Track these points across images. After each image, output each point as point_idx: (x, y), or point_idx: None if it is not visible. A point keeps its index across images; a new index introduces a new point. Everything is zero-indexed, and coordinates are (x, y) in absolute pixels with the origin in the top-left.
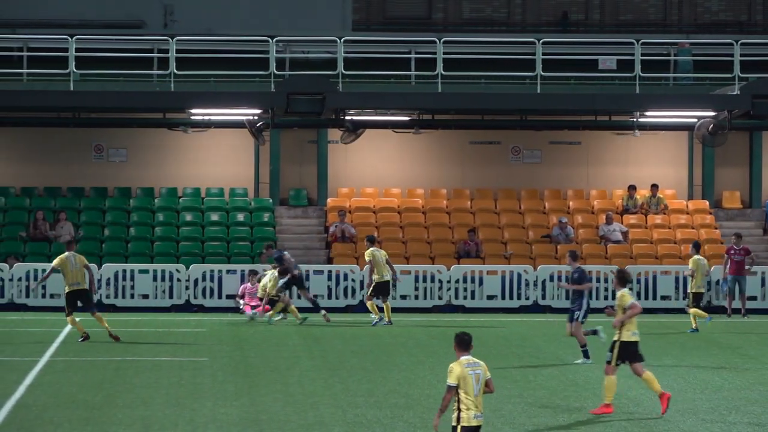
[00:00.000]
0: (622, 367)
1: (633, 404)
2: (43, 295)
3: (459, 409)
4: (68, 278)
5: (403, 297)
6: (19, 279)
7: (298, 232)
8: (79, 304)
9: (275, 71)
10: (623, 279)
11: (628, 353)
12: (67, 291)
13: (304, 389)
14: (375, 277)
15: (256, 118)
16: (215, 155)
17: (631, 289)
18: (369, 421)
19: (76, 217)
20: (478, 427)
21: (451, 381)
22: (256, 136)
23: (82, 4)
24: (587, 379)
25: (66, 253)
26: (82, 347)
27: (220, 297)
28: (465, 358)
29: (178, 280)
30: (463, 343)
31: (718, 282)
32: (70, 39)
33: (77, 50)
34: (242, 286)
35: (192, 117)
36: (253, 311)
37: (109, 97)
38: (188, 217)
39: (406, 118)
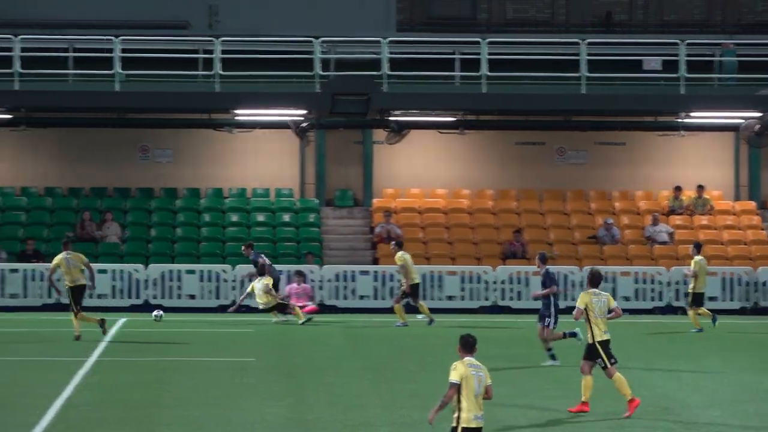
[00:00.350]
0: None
1: (680, 406)
2: (91, 296)
3: (459, 410)
4: (67, 276)
5: (450, 297)
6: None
7: (344, 232)
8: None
9: (320, 72)
10: (593, 280)
11: (593, 351)
12: (68, 286)
13: (350, 390)
14: (406, 280)
15: (301, 118)
16: (260, 156)
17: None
18: (415, 421)
19: (122, 218)
20: (478, 429)
21: (454, 378)
22: (301, 136)
23: (127, 5)
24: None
25: (63, 253)
26: (129, 347)
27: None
28: (468, 359)
29: (225, 280)
30: (468, 345)
31: (765, 283)
32: (115, 39)
33: (123, 51)
34: (288, 286)
35: (237, 118)
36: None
37: (154, 98)
38: (234, 218)
39: (451, 119)
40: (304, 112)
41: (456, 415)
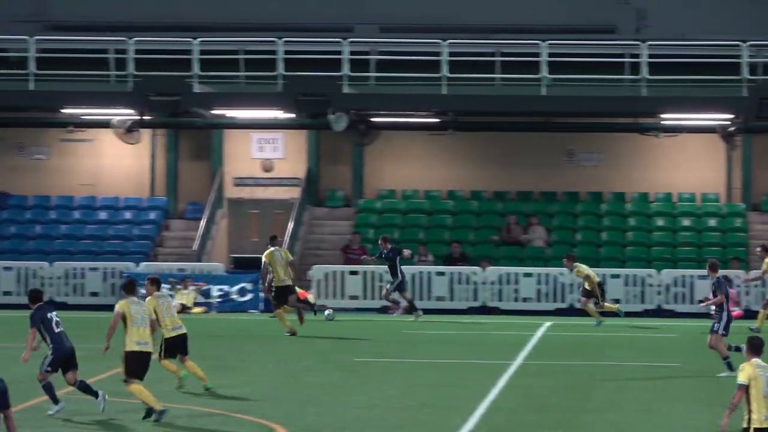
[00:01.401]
0: None
1: None
2: (515, 299)
3: (750, 411)
4: (277, 273)
5: None
6: (492, 282)
7: None
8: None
9: (747, 76)
10: None
11: None
12: (276, 286)
13: None
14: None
15: (727, 122)
16: (686, 160)
17: None
18: None
19: (548, 222)
20: None
21: (742, 380)
22: (727, 141)
23: (554, 10)
24: None
25: (272, 248)
26: (554, 351)
27: (691, 302)
28: (755, 360)
29: (650, 285)
30: (755, 347)
31: None
32: (542, 44)
33: (550, 55)
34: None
35: (663, 122)
36: None
37: (580, 102)
38: (659, 222)
39: None
40: (730, 116)
41: (747, 416)
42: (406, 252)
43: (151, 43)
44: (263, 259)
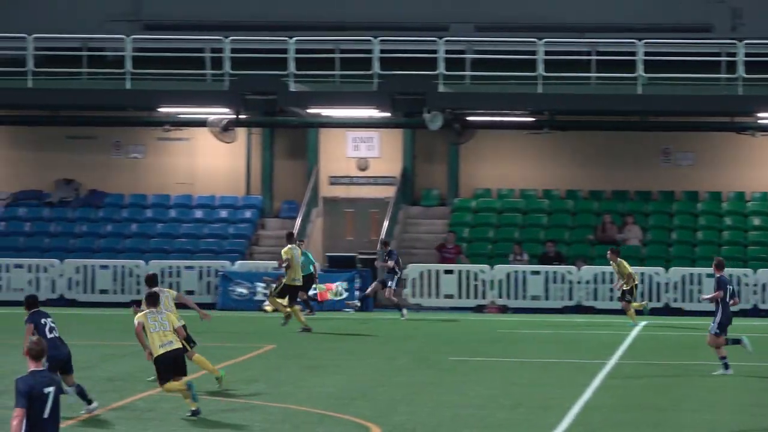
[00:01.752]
0: None
1: None
2: (611, 298)
3: None
4: (294, 271)
5: None
6: (587, 282)
7: None
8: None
9: None
10: None
11: None
12: (287, 284)
13: None
14: None
15: None
16: None
17: None
18: None
19: (643, 221)
20: None
21: None
22: None
23: (649, 8)
24: None
25: (290, 245)
26: (649, 350)
27: None
28: None
29: (746, 284)
30: None
31: None
32: (637, 43)
33: (646, 54)
34: None
35: (759, 121)
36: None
37: (676, 101)
38: (756, 221)
39: None
40: None
41: None
42: (389, 263)
43: (247, 42)
44: (283, 255)
